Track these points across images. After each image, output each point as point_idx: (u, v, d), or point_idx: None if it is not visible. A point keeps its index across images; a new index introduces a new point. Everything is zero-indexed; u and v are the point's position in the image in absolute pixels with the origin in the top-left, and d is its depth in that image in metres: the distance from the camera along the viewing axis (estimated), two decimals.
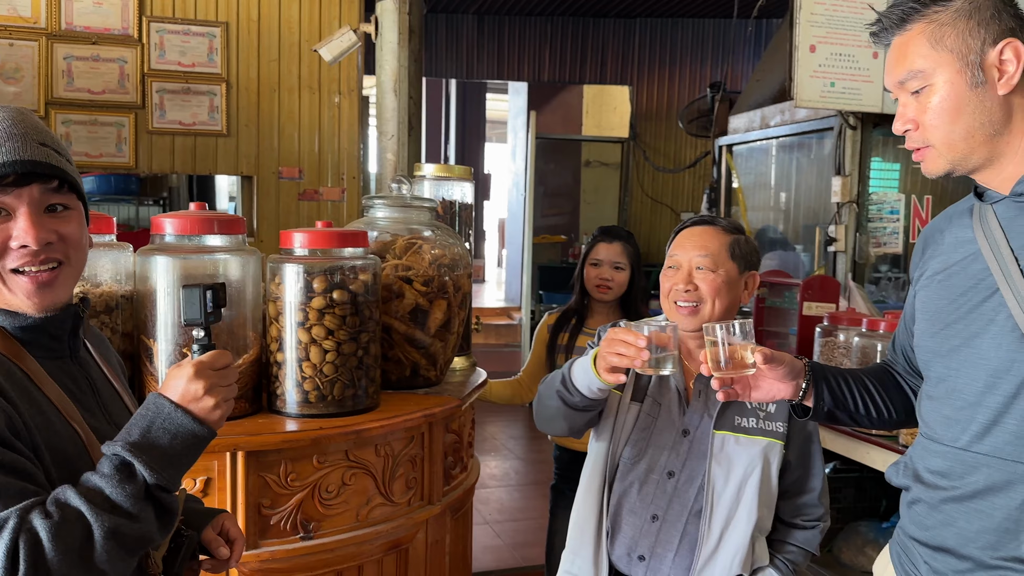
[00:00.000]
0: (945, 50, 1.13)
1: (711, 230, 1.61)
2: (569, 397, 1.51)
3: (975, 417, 1.14)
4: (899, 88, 1.18)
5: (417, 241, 2.00)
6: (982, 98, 1.13)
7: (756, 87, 4.94)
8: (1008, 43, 1.12)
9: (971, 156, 1.15)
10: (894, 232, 3.80)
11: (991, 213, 1.18)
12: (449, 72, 8.04)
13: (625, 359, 1.36)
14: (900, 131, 1.19)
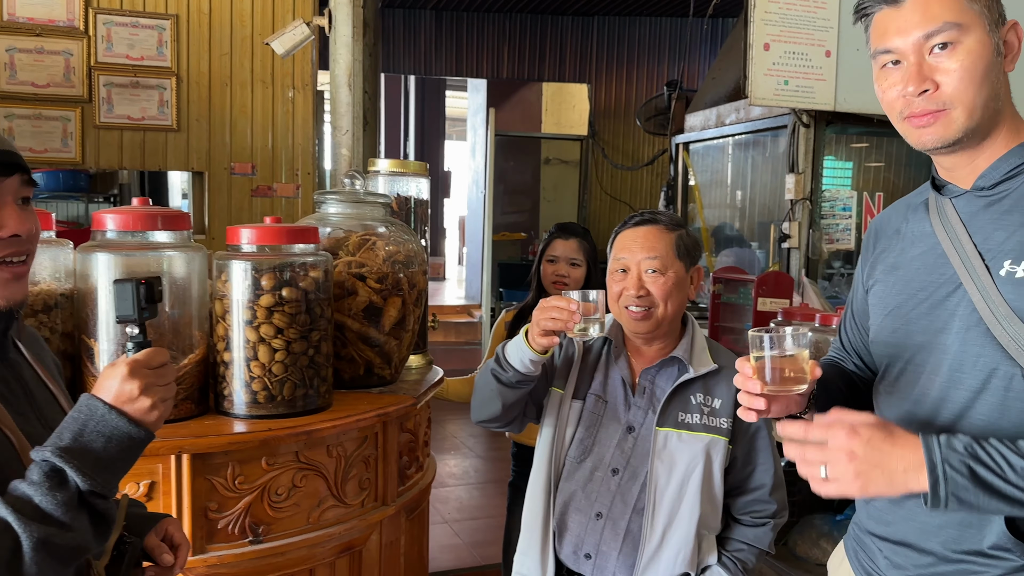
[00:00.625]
0: (979, 10, 1.10)
1: (655, 229, 1.59)
2: (503, 374, 1.52)
3: (939, 413, 1.14)
4: (919, 44, 1.10)
5: (371, 238, 1.97)
6: (1000, 69, 1.11)
7: (712, 85, 4.99)
8: (1014, 23, 1.12)
9: (979, 129, 1.11)
10: (846, 229, 3.86)
11: (950, 207, 1.17)
12: (407, 68, 7.98)
13: (559, 322, 1.40)
14: (917, 92, 1.10)
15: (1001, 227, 1.10)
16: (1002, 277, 1.08)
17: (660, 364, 1.60)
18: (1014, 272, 1.06)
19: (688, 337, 1.62)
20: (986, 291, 1.09)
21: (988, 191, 1.13)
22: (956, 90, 1.09)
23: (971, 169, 1.15)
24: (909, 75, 1.11)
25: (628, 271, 1.57)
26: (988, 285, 1.09)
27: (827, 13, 3.42)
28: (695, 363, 1.58)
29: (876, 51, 1.15)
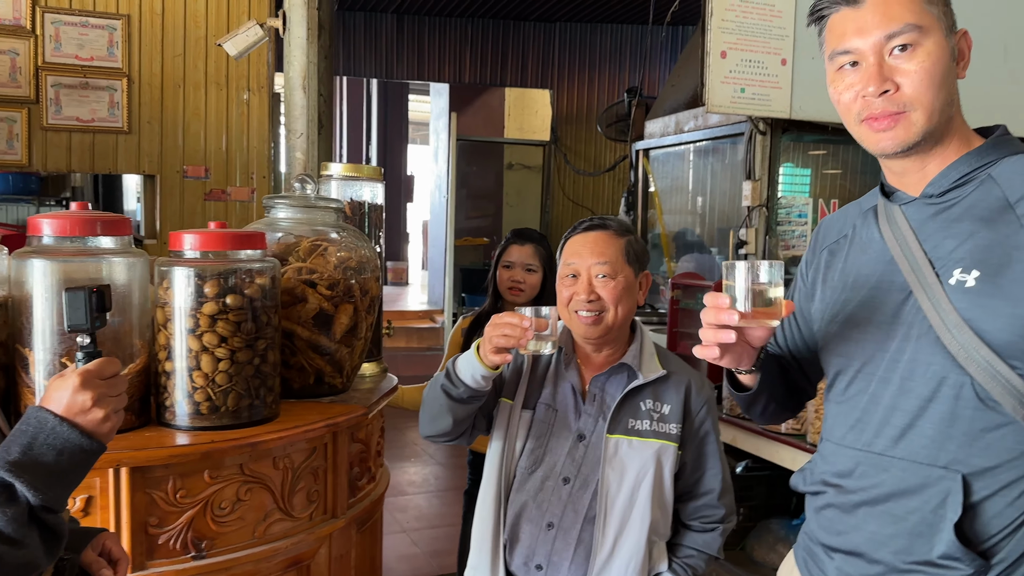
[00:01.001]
0: (938, 14, 1.10)
1: (605, 235, 1.59)
2: (453, 389, 1.50)
3: (890, 420, 1.13)
4: (880, 45, 1.09)
5: (322, 243, 1.93)
6: (954, 75, 1.11)
7: (671, 92, 5.02)
8: (965, 31, 1.13)
9: (936, 131, 1.10)
10: (802, 235, 3.89)
11: (900, 214, 1.17)
12: (368, 71, 7.91)
13: (511, 339, 1.39)
14: (878, 92, 1.09)
15: (951, 235, 1.10)
16: (952, 286, 1.07)
17: (610, 371, 1.59)
18: (964, 281, 1.06)
19: (637, 343, 1.62)
20: (936, 299, 1.08)
21: (937, 198, 1.13)
22: (916, 91, 1.08)
23: (921, 175, 1.14)
24: (869, 75, 1.10)
25: (578, 276, 1.56)
26: (938, 294, 1.08)
27: (783, 21, 3.45)
28: (644, 369, 1.58)
29: (833, 52, 1.14)
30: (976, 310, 1.05)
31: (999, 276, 1.04)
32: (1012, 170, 1.09)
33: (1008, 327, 1.03)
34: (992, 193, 1.09)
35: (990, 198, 1.08)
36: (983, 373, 1.04)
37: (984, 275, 1.05)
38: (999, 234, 1.05)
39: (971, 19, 4.01)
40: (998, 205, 1.07)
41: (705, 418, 1.61)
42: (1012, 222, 1.05)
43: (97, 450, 0.98)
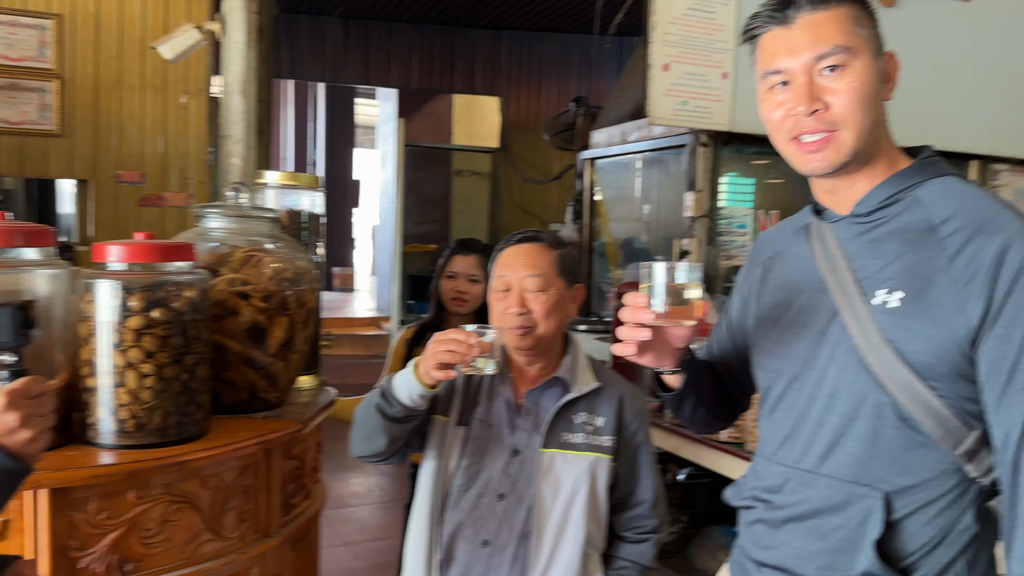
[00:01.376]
0: (866, 36, 1.12)
1: (538, 247, 1.59)
2: (389, 408, 1.48)
3: (816, 438, 1.15)
4: (810, 66, 1.10)
5: (256, 254, 1.88)
6: (881, 96, 1.13)
7: (616, 103, 5.06)
8: (892, 53, 1.15)
9: (864, 151, 1.12)
10: (742, 245, 3.96)
11: (829, 233, 1.18)
12: (313, 75, 7.82)
13: (456, 355, 1.38)
14: (808, 111, 1.10)
15: (877, 255, 1.12)
16: (876, 306, 1.09)
17: (544, 385, 1.59)
18: (887, 301, 1.08)
19: (571, 356, 1.62)
20: (861, 319, 1.10)
21: (865, 218, 1.15)
22: (845, 110, 1.10)
23: (850, 194, 1.16)
24: (800, 95, 1.11)
25: (510, 288, 1.56)
26: (863, 313, 1.10)
27: (724, 35, 3.50)
28: (578, 382, 1.58)
29: (765, 72, 1.16)
30: (898, 331, 1.07)
31: (921, 298, 1.06)
32: (937, 192, 1.11)
33: (928, 349, 1.05)
34: (917, 215, 1.11)
35: (915, 219, 1.10)
36: (903, 393, 1.06)
37: (907, 296, 1.07)
38: (922, 256, 1.07)
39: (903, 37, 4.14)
40: (923, 227, 1.09)
41: (638, 430, 1.62)
42: (935, 244, 1.07)
43: (24, 472, 0.96)
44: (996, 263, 1.02)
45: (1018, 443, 1.00)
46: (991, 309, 1.02)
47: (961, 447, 1.06)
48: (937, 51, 4.01)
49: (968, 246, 1.04)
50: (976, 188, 1.12)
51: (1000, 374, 1.01)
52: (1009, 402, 1.01)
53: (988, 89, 4.18)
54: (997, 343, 1.02)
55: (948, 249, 1.05)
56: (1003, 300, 1.01)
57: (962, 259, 1.04)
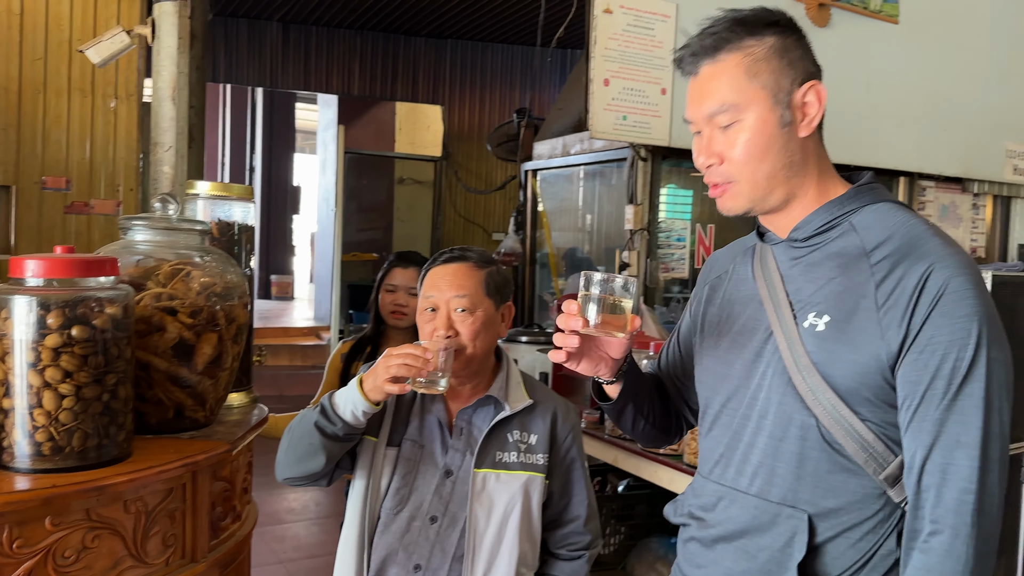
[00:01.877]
0: (759, 85, 1.11)
1: (465, 267, 1.57)
2: (329, 426, 1.45)
3: (748, 458, 1.17)
4: (706, 121, 1.13)
5: (185, 267, 1.82)
6: (788, 138, 1.12)
7: (558, 115, 5.09)
8: (812, 85, 1.13)
9: (770, 197, 1.14)
10: (680, 258, 4.01)
11: (770, 255, 1.21)
12: (252, 80, 7.67)
13: (412, 368, 1.37)
14: (703, 165, 1.15)
15: (811, 279, 1.14)
16: (805, 329, 1.11)
17: (476, 403, 1.57)
18: (815, 325, 1.10)
19: (503, 374, 1.61)
20: (792, 341, 1.12)
21: (802, 243, 1.17)
22: (735, 166, 1.13)
23: (787, 220, 1.19)
24: (699, 149, 1.16)
25: (437, 310, 1.54)
26: (793, 335, 1.12)
27: (663, 52, 3.55)
28: (511, 400, 1.57)
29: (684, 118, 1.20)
30: (823, 354, 1.09)
31: (846, 322, 1.08)
32: (871, 219, 1.13)
33: (850, 373, 1.07)
34: (852, 241, 1.13)
35: (849, 245, 1.12)
36: (828, 416, 1.08)
37: (833, 320, 1.09)
38: (852, 281, 1.09)
39: (836, 57, 4.28)
40: (855, 252, 1.11)
41: (571, 445, 1.62)
42: (865, 270, 1.09)
43: None
44: (918, 290, 1.04)
45: (921, 467, 1.03)
46: (909, 335, 1.04)
47: (884, 472, 1.08)
48: (868, 71, 4.14)
49: (893, 272, 1.06)
50: (910, 215, 1.13)
51: (913, 398, 1.04)
52: (918, 427, 1.03)
53: (916, 108, 4.34)
54: (911, 368, 1.04)
55: (876, 275, 1.07)
56: (920, 326, 1.03)
57: (887, 285, 1.06)
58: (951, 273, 1.03)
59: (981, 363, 1.01)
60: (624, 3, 3.44)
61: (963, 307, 1.02)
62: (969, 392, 1.01)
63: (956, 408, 1.01)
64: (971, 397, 1.01)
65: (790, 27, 1.16)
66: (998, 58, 4.60)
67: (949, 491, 1.00)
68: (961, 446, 1.00)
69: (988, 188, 4.76)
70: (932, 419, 1.02)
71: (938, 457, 1.02)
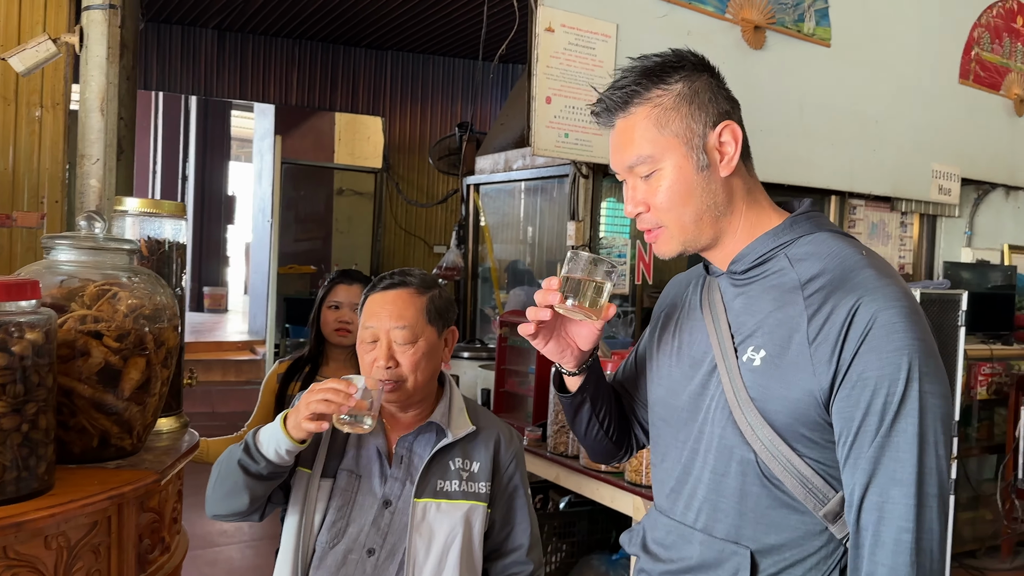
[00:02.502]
0: (671, 134, 1.11)
1: (405, 294, 1.53)
2: (253, 465, 1.40)
3: (696, 492, 1.15)
4: (628, 172, 1.15)
5: (111, 288, 1.74)
6: (708, 181, 1.12)
7: (500, 131, 5.09)
8: (725, 125, 1.13)
9: (701, 237, 1.15)
10: (622, 275, 4.03)
11: (716, 287, 1.20)
12: (186, 88, 7.47)
13: (332, 404, 1.32)
14: (632, 214, 1.16)
15: (750, 312, 1.13)
16: (744, 363, 1.10)
17: (417, 431, 1.54)
18: (753, 360, 1.10)
19: (446, 400, 1.58)
20: (732, 374, 1.11)
21: (741, 275, 1.17)
22: (662, 212, 1.13)
23: (724, 253, 1.19)
24: (626, 199, 1.17)
25: (377, 341, 1.50)
26: (734, 369, 1.11)
27: (604, 71, 3.58)
28: (453, 427, 1.54)
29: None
30: (759, 389, 1.08)
31: (780, 358, 1.07)
32: (805, 250, 1.13)
33: (784, 409, 1.06)
34: (788, 274, 1.12)
35: (785, 279, 1.12)
36: (766, 452, 1.07)
37: (769, 355, 1.08)
38: (787, 315, 1.09)
39: (769, 77, 4.35)
40: (791, 285, 1.11)
41: (514, 472, 1.59)
42: (798, 303, 1.08)
43: None
44: (847, 324, 1.03)
45: (859, 503, 1.02)
46: (839, 371, 1.03)
47: (824, 508, 1.07)
48: (801, 92, 4.25)
49: (824, 306, 1.06)
50: (845, 245, 1.13)
51: (848, 435, 1.03)
52: (854, 464, 1.02)
53: (847, 129, 4.47)
54: (844, 404, 1.03)
55: (809, 308, 1.07)
56: (850, 361, 1.02)
57: (818, 319, 1.05)
58: (880, 306, 1.01)
59: (913, 397, 0.99)
60: (565, 22, 3.45)
61: (892, 341, 1.00)
62: (902, 428, 0.99)
63: (890, 445, 0.99)
64: (904, 433, 0.99)
65: (699, 67, 1.15)
66: (925, 82, 4.78)
67: (887, 530, 0.99)
68: (896, 483, 0.99)
69: (915, 207, 4.93)
70: (867, 456, 1.01)
71: (874, 495, 1.00)
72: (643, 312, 4.55)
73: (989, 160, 5.13)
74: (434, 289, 1.57)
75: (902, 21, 4.66)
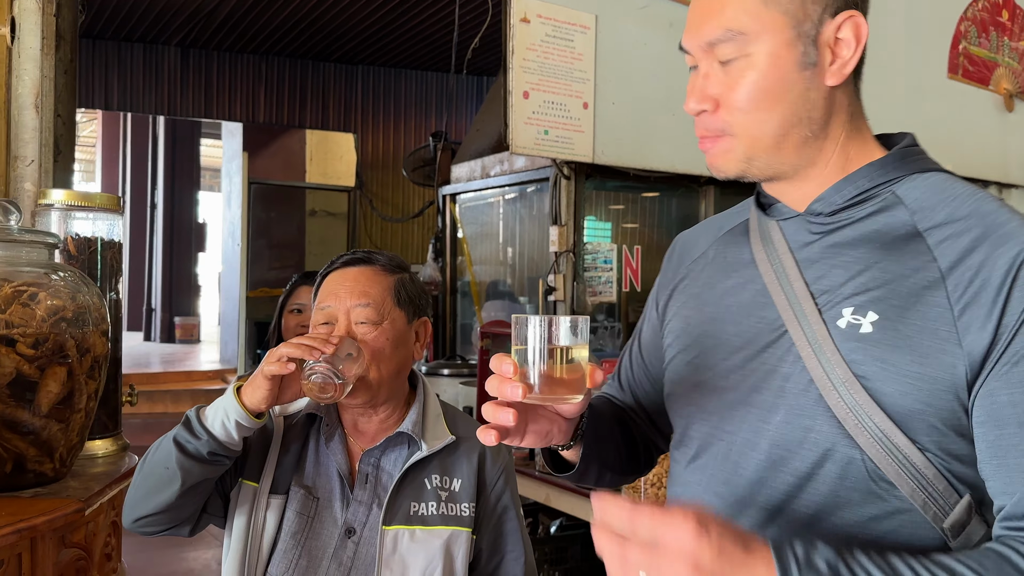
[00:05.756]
0: (778, 11, 0.85)
1: (369, 271, 1.30)
2: (192, 442, 1.15)
3: (755, 499, 0.88)
4: (705, 51, 0.88)
5: (29, 288, 1.49)
6: (809, 84, 0.86)
7: (476, 136, 4.90)
8: (850, 17, 0.86)
9: (775, 161, 0.89)
10: (608, 281, 3.83)
11: (778, 232, 0.94)
12: (149, 107, 7.23)
13: (308, 350, 1.12)
14: (694, 111, 0.89)
15: (841, 264, 0.87)
16: (841, 329, 0.84)
17: (385, 443, 1.29)
18: (858, 325, 0.83)
19: (419, 405, 1.33)
20: (819, 345, 0.84)
21: (827, 217, 0.90)
22: (735, 115, 0.87)
23: (800, 194, 0.92)
24: (691, 88, 0.89)
25: (335, 323, 1.26)
26: (822, 337, 0.85)
27: (584, 65, 3.40)
28: (428, 437, 1.29)
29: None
30: (872, 364, 0.82)
31: (902, 322, 0.81)
32: (924, 191, 0.88)
33: (911, 391, 0.80)
34: (897, 216, 0.87)
35: (894, 222, 0.86)
36: (876, 446, 0.81)
37: (884, 319, 0.82)
38: (904, 268, 0.83)
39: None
40: (904, 232, 0.85)
41: (503, 490, 1.34)
42: (922, 253, 0.83)
43: None
44: (1009, 279, 0.78)
45: None
46: (1000, 338, 0.78)
47: (948, 519, 0.82)
48: None
49: (968, 258, 0.81)
50: (974, 188, 0.88)
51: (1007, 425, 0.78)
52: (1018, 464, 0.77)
53: None
54: (1004, 384, 0.78)
55: (942, 260, 0.82)
56: (1016, 327, 0.78)
57: (960, 274, 0.81)
58: None
59: None
60: (542, 12, 3.27)
61: None
62: None
63: None
64: None
65: None
66: (913, 76, 4.65)
67: None
68: None
69: None
70: None
71: None
72: (628, 326, 4.35)
73: (981, 157, 5.00)
74: (404, 272, 1.34)
75: (888, 13, 4.53)
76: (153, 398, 6.80)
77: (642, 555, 0.69)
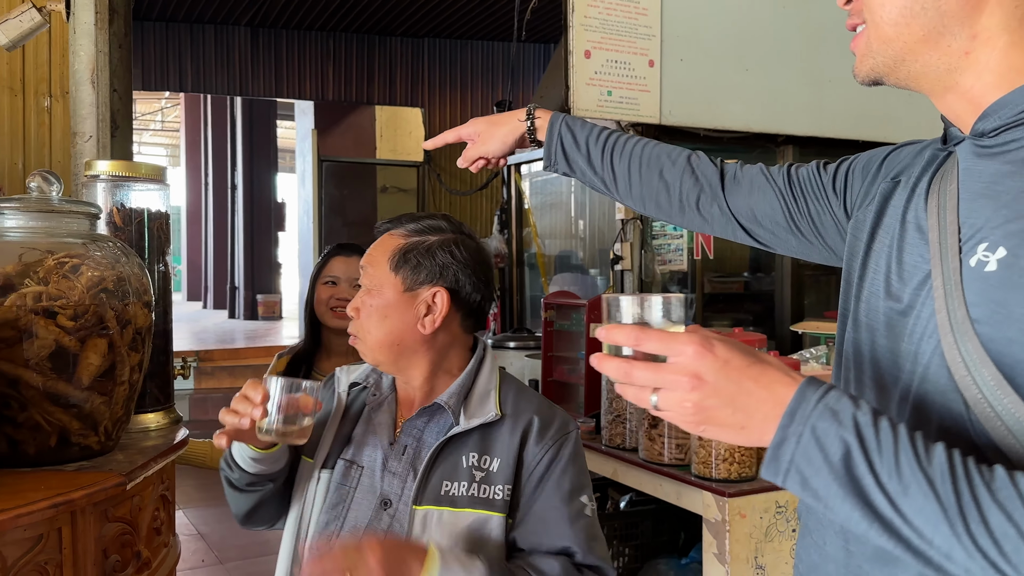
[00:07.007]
0: None
1: (388, 236, 1.27)
2: (231, 474, 1.21)
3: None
4: None
5: (71, 260, 1.47)
6: None
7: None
8: None
9: (904, 57, 0.77)
10: (678, 249, 3.67)
11: (955, 165, 0.82)
12: (222, 88, 7.34)
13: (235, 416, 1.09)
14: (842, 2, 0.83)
15: (992, 194, 0.75)
16: (971, 268, 0.73)
17: (423, 412, 1.22)
18: (985, 261, 0.72)
19: (468, 376, 1.23)
20: (951, 288, 0.74)
21: (989, 139, 0.77)
22: None
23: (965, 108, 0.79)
24: None
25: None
26: (955, 276, 0.74)
27: (649, 20, 3.23)
28: (469, 411, 1.20)
29: None
30: (988, 306, 0.70)
31: None
32: None
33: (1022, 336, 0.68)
34: None
35: None
36: (984, 403, 0.69)
37: (1012, 255, 0.70)
38: None
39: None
40: None
41: (547, 472, 1.20)
42: None
43: None
44: None
45: None
46: None
47: None
48: None
49: None
50: None
51: None
52: None
53: None
54: None
55: None
56: None
57: None
58: None
59: None
60: None
61: None
62: None
63: None
64: None
65: None
66: None
67: None
68: None
69: None
70: None
71: None
72: (704, 296, 4.18)
73: None
74: (430, 236, 1.24)
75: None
76: (235, 372, 7.00)
77: (647, 372, 0.70)
